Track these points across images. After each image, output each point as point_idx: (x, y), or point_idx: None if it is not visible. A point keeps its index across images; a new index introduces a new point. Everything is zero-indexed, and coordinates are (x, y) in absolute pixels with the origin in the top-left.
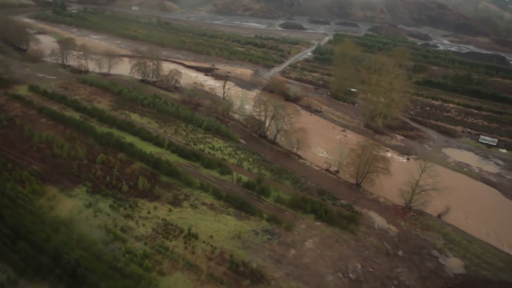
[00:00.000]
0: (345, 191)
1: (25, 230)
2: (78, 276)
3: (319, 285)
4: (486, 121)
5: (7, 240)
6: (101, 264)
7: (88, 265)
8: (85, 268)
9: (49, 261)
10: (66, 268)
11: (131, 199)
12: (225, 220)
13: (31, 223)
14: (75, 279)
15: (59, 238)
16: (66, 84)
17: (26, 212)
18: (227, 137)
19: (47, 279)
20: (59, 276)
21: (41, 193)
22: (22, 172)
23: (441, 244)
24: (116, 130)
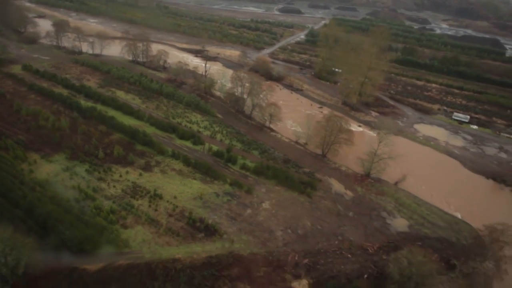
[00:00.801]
0: (310, 161)
1: (4, 188)
2: (48, 227)
3: (268, 239)
4: (465, 100)
5: None
6: (69, 217)
7: (58, 217)
8: (55, 220)
9: (23, 214)
10: (38, 219)
11: (106, 165)
12: (191, 183)
13: (11, 182)
14: (44, 229)
15: (34, 195)
16: (58, 64)
17: (7, 174)
18: (205, 112)
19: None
20: (31, 226)
21: (23, 159)
22: (7, 140)
23: (391, 207)
24: (100, 105)
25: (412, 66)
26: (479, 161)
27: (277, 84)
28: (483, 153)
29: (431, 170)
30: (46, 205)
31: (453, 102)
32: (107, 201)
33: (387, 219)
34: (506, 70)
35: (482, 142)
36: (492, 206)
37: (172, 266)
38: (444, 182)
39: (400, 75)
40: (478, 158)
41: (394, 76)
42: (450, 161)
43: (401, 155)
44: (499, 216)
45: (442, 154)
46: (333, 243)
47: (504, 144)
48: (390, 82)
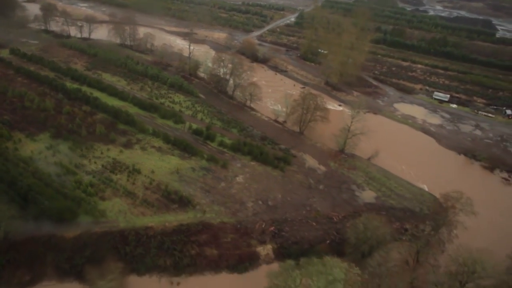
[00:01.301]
0: (287, 138)
1: None
2: (29, 198)
3: (239, 210)
4: (448, 80)
5: None
6: (49, 189)
7: (38, 190)
8: (35, 192)
9: (5, 187)
10: (19, 192)
11: (88, 143)
12: (169, 159)
13: None
14: (26, 200)
15: (17, 171)
16: (46, 47)
17: None
18: (188, 92)
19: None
20: (12, 198)
21: (8, 138)
22: None
23: (362, 180)
24: (86, 87)
25: (400, 47)
26: (453, 138)
27: (262, 65)
28: (458, 131)
29: (406, 146)
30: (28, 179)
31: (436, 82)
32: (87, 176)
33: (356, 191)
34: (494, 51)
35: (459, 120)
36: (459, 179)
37: (144, 233)
38: (416, 158)
39: (386, 56)
40: (453, 135)
41: (380, 57)
42: (425, 138)
43: (372, 131)
44: (464, 188)
45: (418, 132)
46: (300, 213)
47: (480, 122)
48: (375, 63)
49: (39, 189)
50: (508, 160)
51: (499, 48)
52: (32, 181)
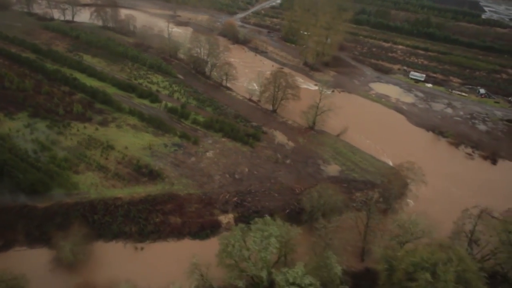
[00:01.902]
0: (260, 116)
1: None
2: (4, 172)
3: (206, 182)
4: (428, 61)
5: None
6: (24, 164)
7: (13, 164)
8: (10, 166)
9: None
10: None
11: (66, 121)
12: (142, 136)
13: None
14: (1, 174)
15: None
16: (29, 30)
17: None
18: (167, 73)
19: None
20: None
21: None
22: None
23: (328, 155)
24: (66, 68)
25: (383, 28)
26: (423, 116)
27: (243, 47)
28: (430, 109)
29: (377, 124)
30: (3, 155)
31: (415, 62)
32: (62, 152)
33: (321, 165)
34: (477, 32)
35: (432, 99)
36: (424, 154)
37: (113, 203)
38: (386, 134)
39: (368, 37)
40: (424, 113)
41: (362, 39)
42: (396, 115)
43: (343, 109)
44: (428, 163)
45: (390, 110)
46: (265, 185)
47: (453, 101)
48: (356, 44)
49: (14, 164)
50: (474, 136)
51: (484, 29)
52: (7, 156)
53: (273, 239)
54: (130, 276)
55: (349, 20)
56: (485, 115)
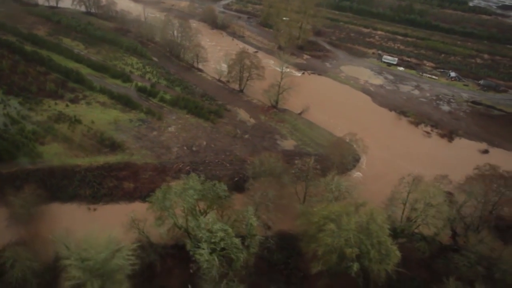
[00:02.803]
0: (226, 95)
1: None
2: None
3: (164, 154)
4: (404, 46)
5: None
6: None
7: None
8: None
9: None
10: None
11: (38, 98)
12: (110, 112)
13: None
14: None
15: None
16: (11, 14)
17: None
18: (142, 56)
19: None
20: None
21: None
22: None
23: (286, 131)
24: (45, 50)
25: (365, 15)
26: (389, 97)
27: (221, 32)
28: (397, 90)
29: (342, 104)
30: None
31: (391, 47)
32: (31, 125)
33: (277, 140)
34: (460, 19)
35: (401, 81)
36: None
37: (71, 169)
38: (348, 113)
39: (348, 23)
40: (390, 94)
41: (342, 24)
42: (362, 96)
43: (307, 88)
44: (385, 139)
45: (357, 91)
46: (219, 157)
47: (422, 83)
48: (335, 29)
49: None
50: (435, 116)
51: (468, 16)
52: None
53: (191, 191)
54: (79, 231)
55: (329, 6)
56: (451, 96)
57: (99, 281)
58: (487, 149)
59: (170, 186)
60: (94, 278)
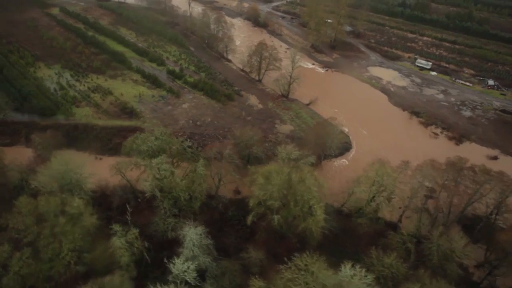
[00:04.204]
0: (244, 83)
1: (12, 78)
2: (26, 99)
3: (171, 124)
4: (448, 52)
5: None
6: (42, 96)
7: (34, 94)
8: (32, 96)
9: (16, 92)
10: (22, 94)
11: (85, 73)
12: (138, 88)
13: (17, 75)
14: (25, 100)
15: (27, 83)
16: (87, 7)
17: (17, 71)
18: (181, 45)
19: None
20: (17, 97)
21: (32, 64)
22: (25, 53)
23: (288, 118)
24: (102, 36)
25: (417, 21)
26: (408, 98)
27: (262, 29)
28: (419, 93)
29: (355, 99)
30: (30, 88)
31: (432, 53)
32: (74, 92)
33: (276, 124)
34: None
35: (428, 85)
36: (387, 127)
37: (91, 127)
38: (356, 108)
39: (395, 28)
40: (410, 95)
41: (387, 29)
42: (379, 95)
43: (318, 80)
44: (388, 135)
45: (375, 90)
46: (217, 132)
47: (451, 88)
48: (377, 33)
49: (35, 95)
50: (450, 120)
51: None
52: (33, 89)
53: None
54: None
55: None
56: (478, 103)
57: (56, 185)
58: (497, 156)
59: (138, 134)
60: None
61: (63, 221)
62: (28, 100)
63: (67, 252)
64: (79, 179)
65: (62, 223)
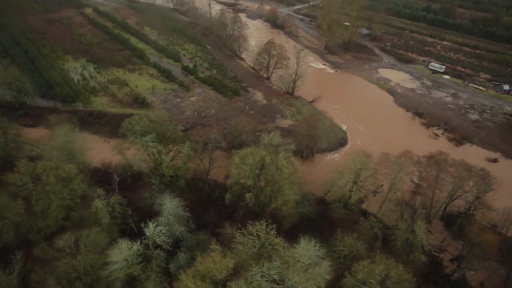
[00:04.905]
0: (253, 80)
1: (42, 68)
2: (51, 86)
3: (177, 114)
4: (466, 57)
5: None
6: (65, 85)
7: (58, 82)
8: (56, 84)
9: (43, 80)
10: (47, 82)
11: (107, 66)
12: (153, 81)
13: (47, 66)
14: (49, 87)
15: (54, 73)
16: (117, 8)
17: (47, 63)
18: (199, 44)
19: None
20: (43, 85)
21: (61, 57)
22: (57, 47)
23: (289, 113)
24: (127, 34)
25: (439, 25)
26: (414, 99)
27: (279, 30)
28: (427, 95)
29: (359, 99)
30: (56, 78)
31: (449, 57)
32: (94, 83)
33: (276, 119)
34: None
35: (438, 88)
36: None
37: (104, 113)
38: (359, 107)
39: (414, 32)
40: (417, 97)
41: (407, 33)
42: (385, 95)
43: (325, 80)
44: (386, 133)
45: (382, 91)
46: (219, 123)
47: (462, 92)
48: (395, 36)
49: (59, 83)
50: (454, 122)
51: None
52: (58, 79)
53: (145, 119)
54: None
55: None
56: (488, 107)
57: (56, 153)
58: (497, 159)
59: (134, 116)
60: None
61: (53, 181)
62: (53, 88)
63: (55, 208)
64: (76, 150)
65: (53, 183)
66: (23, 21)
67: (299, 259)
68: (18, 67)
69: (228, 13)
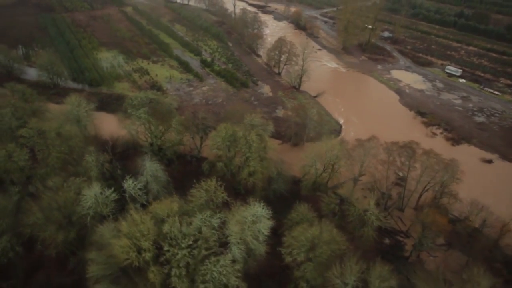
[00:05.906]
0: (264, 75)
1: (79, 57)
2: (82, 71)
3: (186, 100)
4: (489, 62)
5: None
6: (94, 71)
7: (88, 68)
8: (86, 69)
9: (77, 67)
10: (80, 68)
11: (134, 57)
12: (172, 71)
13: (82, 56)
14: (80, 72)
15: (86, 61)
16: (155, 7)
17: (84, 53)
18: (221, 41)
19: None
20: (76, 70)
21: (96, 48)
22: (94, 39)
23: (291, 105)
24: (158, 30)
25: (469, 31)
26: (420, 100)
27: (301, 31)
28: (435, 97)
29: (364, 97)
30: (87, 64)
31: (471, 62)
32: (120, 71)
33: (277, 109)
34: None
35: (450, 90)
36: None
37: (122, 96)
38: (362, 104)
39: (440, 36)
40: (424, 98)
41: (432, 37)
42: (391, 95)
43: (325, 74)
44: (384, 130)
45: (389, 90)
46: (222, 109)
47: (474, 96)
48: (417, 40)
49: (89, 69)
50: (457, 123)
51: None
52: (89, 65)
53: (142, 94)
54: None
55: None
56: (499, 111)
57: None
58: (492, 160)
59: (137, 94)
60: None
61: (53, 135)
62: (83, 73)
63: (53, 158)
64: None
65: (53, 138)
66: (71, 17)
67: (244, 216)
68: (59, 54)
69: (251, 13)
